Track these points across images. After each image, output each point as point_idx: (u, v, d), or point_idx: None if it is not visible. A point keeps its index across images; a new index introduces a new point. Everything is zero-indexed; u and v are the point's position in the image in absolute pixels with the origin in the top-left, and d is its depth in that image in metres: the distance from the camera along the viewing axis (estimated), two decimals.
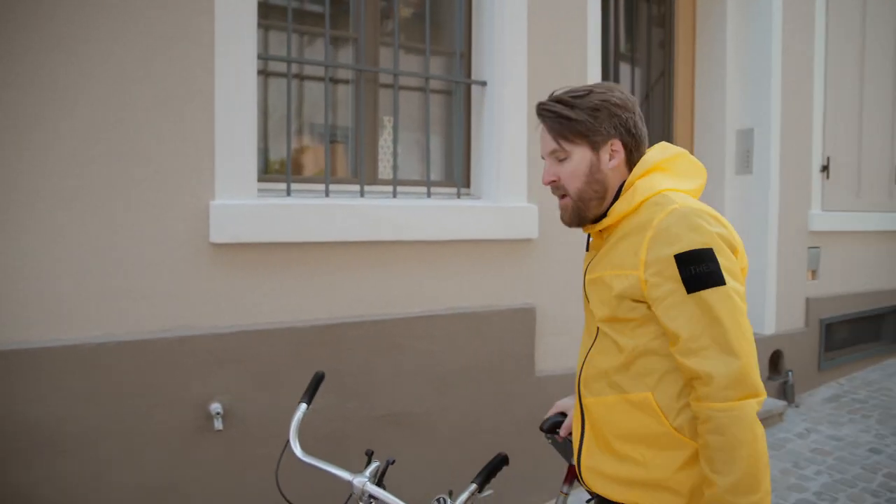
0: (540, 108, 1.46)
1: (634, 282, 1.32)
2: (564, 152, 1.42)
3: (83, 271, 2.11)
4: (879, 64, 5.30)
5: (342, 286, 2.61)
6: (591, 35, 3.32)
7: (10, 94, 1.99)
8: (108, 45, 2.12)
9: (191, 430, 2.28)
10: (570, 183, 1.42)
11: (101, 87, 2.11)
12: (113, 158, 2.14)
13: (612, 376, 1.40)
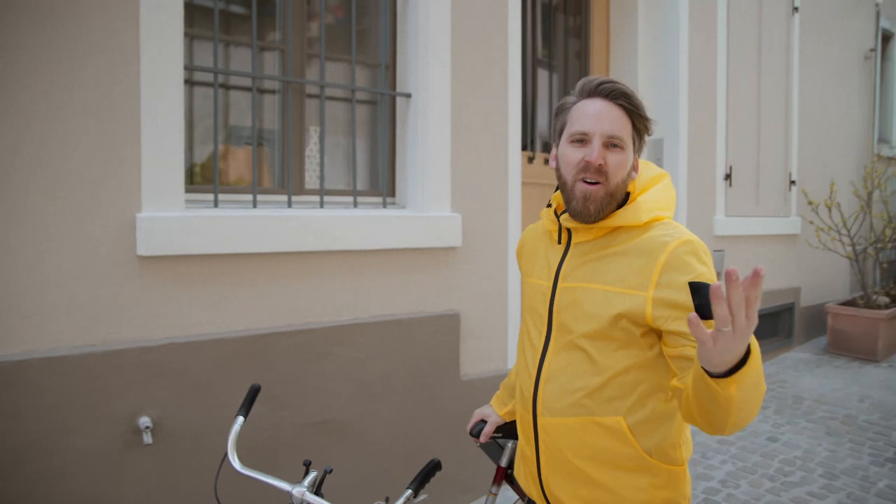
0: (618, 90, 1.35)
1: (641, 303, 1.29)
2: (622, 142, 1.35)
3: (4, 286, 2.06)
4: (774, 83, 5.71)
5: (271, 296, 2.63)
6: (511, 47, 3.46)
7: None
8: (32, 53, 2.07)
9: (119, 446, 2.26)
10: (616, 173, 1.34)
11: (24, 97, 2.07)
12: (35, 170, 2.10)
13: (582, 397, 1.35)
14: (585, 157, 1.33)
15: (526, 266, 1.60)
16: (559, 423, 1.38)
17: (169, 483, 2.37)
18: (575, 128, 1.36)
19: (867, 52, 7.23)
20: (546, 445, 1.41)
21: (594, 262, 1.38)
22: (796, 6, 5.85)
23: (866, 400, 4.71)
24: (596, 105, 1.35)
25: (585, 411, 1.35)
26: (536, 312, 1.47)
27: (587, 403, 1.35)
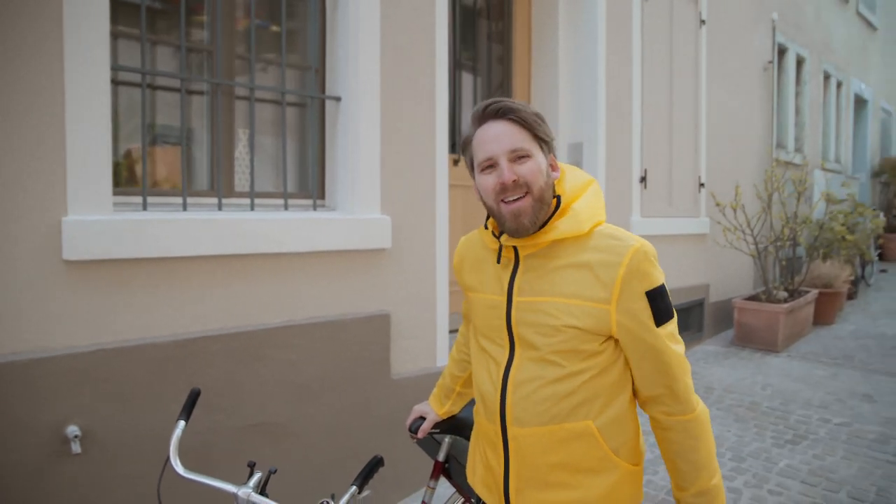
0: (503, 107, 1.38)
1: (604, 316, 1.35)
2: (527, 150, 1.37)
3: None
4: (684, 91, 6.04)
5: (203, 300, 2.62)
6: (438, 53, 3.54)
7: None
8: None
9: (46, 457, 2.21)
10: (535, 180, 1.36)
11: None
12: None
13: (552, 406, 1.39)
14: (499, 179, 1.36)
15: (471, 281, 1.58)
16: (531, 433, 1.41)
17: (99, 493, 2.33)
18: (480, 156, 1.40)
19: (766, 64, 7.74)
20: (518, 455, 1.44)
21: (549, 274, 1.40)
22: (703, 19, 6.21)
23: (768, 388, 5.07)
24: (490, 128, 1.39)
25: (556, 419, 1.39)
26: (492, 327, 1.48)
27: (557, 412, 1.39)
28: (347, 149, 3.18)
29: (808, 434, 4.18)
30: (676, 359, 1.39)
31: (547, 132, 1.42)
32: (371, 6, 3.18)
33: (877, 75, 12.36)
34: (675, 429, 1.42)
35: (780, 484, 3.53)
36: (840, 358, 5.91)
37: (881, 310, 7.92)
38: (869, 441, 4.07)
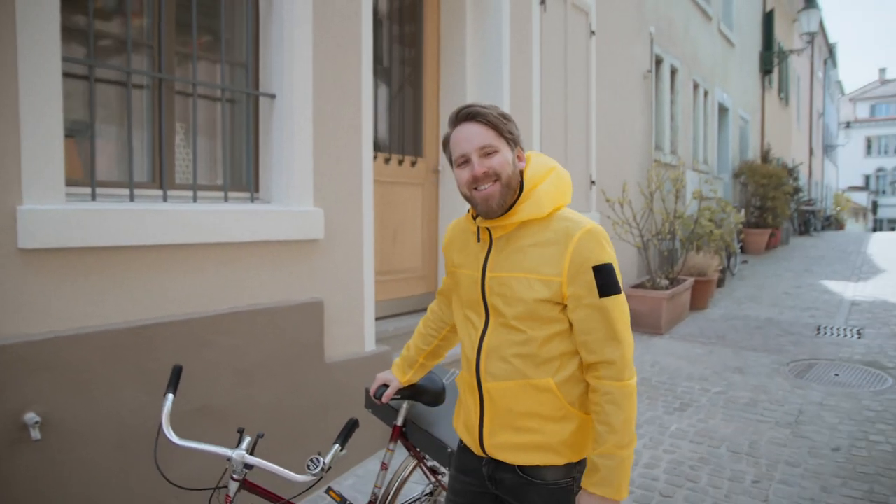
0: (473, 111, 1.63)
1: (557, 288, 1.59)
2: (494, 146, 1.62)
3: None
4: (577, 95, 6.54)
5: (152, 288, 2.69)
6: (364, 56, 3.74)
7: None
8: None
9: (5, 444, 2.23)
10: (503, 169, 1.61)
11: None
12: None
13: (518, 364, 1.64)
14: (471, 173, 1.62)
15: (458, 259, 1.81)
16: (501, 387, 1.67)
17: (60, 477, 2.37)
18: (456, 153, 1.66)
19: (645, 72, 8.46)
20: (490, 404, 1.71)
21: (515, 253, 1.65)
22: (593, 30, 6.75)
23: (656, 365, 5.63)
24: (463, 129, 1.64)
25: (521, 376, 1.65)
26: (472, 298, 1.74)
27: (522, 369, 1.64)
28: (283, 144, 3.32)
29: (693, 402, 4.73)
30: (615, 329, 1.60)
31: (512, 129, 1.68)
32: (304, 9, 3.33)
33: (735, 87, 13.66)
34: (600, 391, 1.60)
35: (673, 444, 4.00)
36: (714, 338, 6.63)
37: (745, 296, 8.85)
38: (742, 405, 4.66)
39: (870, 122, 48.23)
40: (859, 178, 46.01)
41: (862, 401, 4.72)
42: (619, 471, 1.58)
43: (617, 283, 1.63)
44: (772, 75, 16.90)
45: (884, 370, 5.43)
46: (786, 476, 3.59)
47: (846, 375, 5.32)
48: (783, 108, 19.21)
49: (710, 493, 3.43)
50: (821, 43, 25.92)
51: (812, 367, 5.59)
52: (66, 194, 2.44)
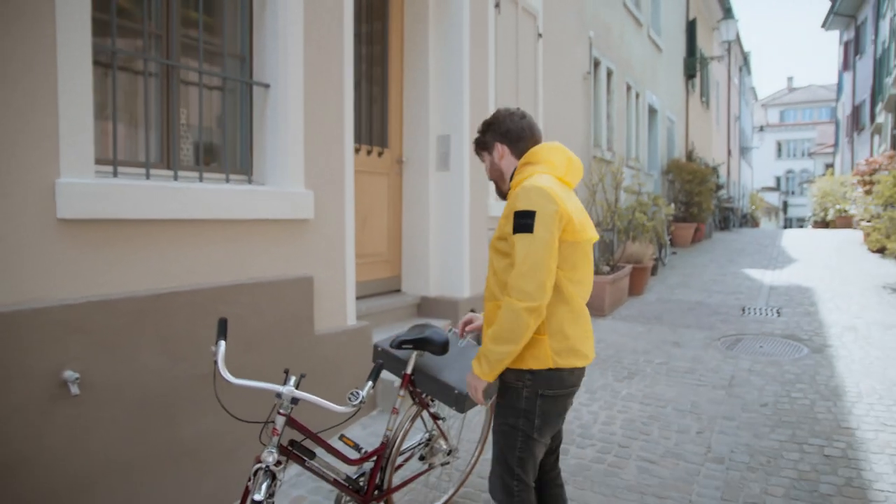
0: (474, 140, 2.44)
1: (504, 225, 2.16)
2: (483, 158, 2.41)
3: None
4: (527, 94, 6.97)
5: (166, 258, 2.91)
6: (346, 49, 4.02)
7: None
8: None
9: (47, 399, 2.42)
10: (489, 174, 2.41)
11: None
12: None
13: (491, 288, 2.24)
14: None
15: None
16: (486, 306, 2.29)
17: (95, 431, 2.57)
18: None
19: (585, 74, 9.00)
20: (486, 317, 2.31)
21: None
22: (540, 33, 7.20)
23: (603, 342, 6.10)
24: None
25: (492, 297, 2.22)
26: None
27: (492, 292, 2.23)
28: (277, 130, 3.56)
29: (639, 371, 5.21)
30: (518, 259, 2.04)
31: (482, 140, 2.39)
32: (296, 6, 3.59)
33: (663, 90, 14.48)
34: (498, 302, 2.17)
35: (625, 406, 4.45)
36: (652, 318, 7.18)
37: (676, 283, 9.52)
38: (681, 373, 5.18)
39: (780, 126, 51.20)
40: (771, 179, 48.78)
41: (783, 366, 5.32)
42: (487, 358, 2.12)
43: (528, 225, 2.06)
44: (695, 80, 17.92)
45: (800, 341, 6.08)
46: (724, 427, 4.09)
47: (769, 347, 5.94)
48: (705, 111, 20.36)
49: (662, 443, 3.88)
50: (737, 51, 27.50)
51: (740, 340, 6.19)
52: (94, 171, 2.64)
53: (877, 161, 12.45)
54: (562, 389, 2.20)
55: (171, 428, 2.91)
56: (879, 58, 17.64)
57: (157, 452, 2.85)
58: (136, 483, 2.75)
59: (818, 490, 3.32)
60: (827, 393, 4.67)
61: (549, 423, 2.22)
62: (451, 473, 3.28)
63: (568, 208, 2.11)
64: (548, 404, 2.18)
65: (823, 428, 4.05)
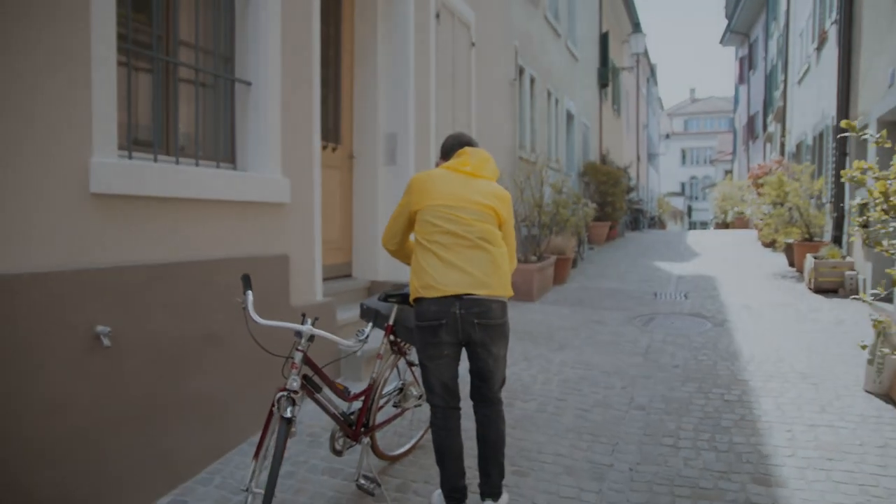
0: None
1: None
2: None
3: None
4: (462, 97, 7.57)
5: (173, 234, 3.30)
6: (314, 48, 4.48)
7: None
8: (9, 27, 2.53)
9: (84, 350, 2.78)
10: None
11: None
12: (11, 123, 2.55)
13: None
14: None
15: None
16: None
17: (124, 379, 2.94)
18: None
19: (511, 80, 9.70)
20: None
21: None
22: (473, 42, 7.82)
23: (534, 322, 6.77)
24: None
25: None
26: None
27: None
28: (258, 123, 3.99)
29: (568, 344, 5.89)
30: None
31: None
32: (274, 10, 4.03)
33: (579, 97, 15.48)
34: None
35: (559, 370, 5.10)
36: (576, 302, 7.93)
37: (595, 273, 10.37)
38: (605, 344, 5.89)
39: (684, 135, 54.35)
40: (677, 185, 51.71)
41: (691, 337, 6.13)
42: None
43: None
44: (607, 89, 19.12)
45: (704, 318, 6.94)
46: (644, 384, 4.79)
47: (678, 323, 6.76)
48: (616, 118, 21.68)
49: (592, 396, 4.54)
50: (644, 63, 29.26)
51: (653, 319, 7.00)
52: (117, 154, 3.02)
53: (767, 166, 13.79)
54: (424, 321, 2.83)
55: (180, 381, 3.30)
56: (769, 73, 19.36)
57: (169, 402, 3.24)
58: (153, 427, 3.13)
59: (720, 424, 4.04)
60: (726, 356, 5.47)
61: (429, 352, 2.86)
62: (419, 422, 3.80)
63: (431, 187, 2.90)
64: (421, 333, 2.85)
65: (723, 381, 4.82)
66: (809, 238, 9.68)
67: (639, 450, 3.73)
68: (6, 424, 2.51)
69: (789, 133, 14.74)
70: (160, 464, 3.19)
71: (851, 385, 4.61)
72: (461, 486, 2.93)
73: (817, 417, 4.09)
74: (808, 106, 11.99)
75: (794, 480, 3.32)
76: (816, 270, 8.04)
